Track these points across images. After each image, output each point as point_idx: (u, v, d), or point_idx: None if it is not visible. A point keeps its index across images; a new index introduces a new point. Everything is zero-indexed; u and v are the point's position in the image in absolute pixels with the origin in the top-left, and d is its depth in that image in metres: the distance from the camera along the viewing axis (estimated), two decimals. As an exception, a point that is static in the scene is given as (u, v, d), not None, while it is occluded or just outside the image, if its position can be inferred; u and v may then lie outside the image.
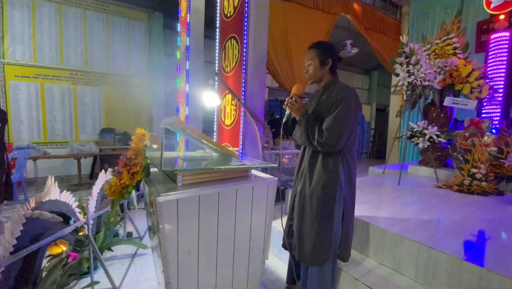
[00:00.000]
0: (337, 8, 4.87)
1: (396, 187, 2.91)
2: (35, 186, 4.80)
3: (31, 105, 5.13)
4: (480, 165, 2.75)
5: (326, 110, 1.36)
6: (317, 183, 1.36)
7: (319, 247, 1.36)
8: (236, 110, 2.31)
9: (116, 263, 2.27)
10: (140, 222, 2.96)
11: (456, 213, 2.11)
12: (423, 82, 3.00)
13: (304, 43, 4.15)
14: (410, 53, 3.07)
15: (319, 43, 1.46)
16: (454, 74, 3.30)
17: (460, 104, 3.12)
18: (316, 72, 1.44)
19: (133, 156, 1.30)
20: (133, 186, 1.30)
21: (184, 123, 1.27)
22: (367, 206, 2.19)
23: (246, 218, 1.41)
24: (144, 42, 6.16)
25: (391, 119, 6.76)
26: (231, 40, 2.41)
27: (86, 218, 1.83)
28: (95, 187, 2.19)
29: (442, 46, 3.46)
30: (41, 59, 5.15)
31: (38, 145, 5.03)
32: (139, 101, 6.14)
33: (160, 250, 1.22)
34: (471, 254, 1.41)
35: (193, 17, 3.15)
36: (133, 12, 5.97)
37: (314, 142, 1.32)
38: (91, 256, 1.85)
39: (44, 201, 1.47)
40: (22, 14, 4.94)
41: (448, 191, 2.79)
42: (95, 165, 5.60)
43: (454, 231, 1.73)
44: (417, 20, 5.81)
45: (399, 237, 1.65)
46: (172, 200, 1.12)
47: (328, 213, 1.35)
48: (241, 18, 2.21)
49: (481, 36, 4.46)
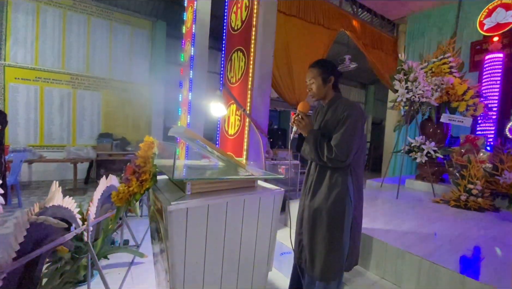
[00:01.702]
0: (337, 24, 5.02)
1: (394, 201, 2.94)
2: (28, 190, 4.71)
3: (30, 108, 5.10)
4: (476, 181, 2.81)
5: (333, 126, 1.40)
6: (326, 197, 1.38)
7: (332, 263, 1.36)
8: (240, 120, 2.34)
9: (112, 272, 2.23)
10: (136, 229, 2.92)
11: (455, 228, 2.14)
12: (421, 98, 3.09)
13: (304, 57, 4.25)
14: (408, 71, 3.17)
15: (320, 62, 1.49)
16: (450, 92, 3.40)
17: (456, 122, 3.21)
18: (319, 90, 1.48)
19: (142, 164, 1.31)
20: (141, 193, 1.30)
21: (193, 132, 1.29)
22: (367, 219, 2.20)
23: (252, 228, 1.42)
24: (147, 50, 6.23)
25: (387, 133, 6.87)
26: (237, 52, 2.47)
27: (86, 224, 1.81)
28: (96, 192, 2.17)
29: (439, 64, 3.58)
30: (42, 62, 5.16)
31: (34, 148, 4.97)
32: (138, 107, 6.16)
33: (167, 259, 1.22)
34: (472, 270, 1.43)
35: (198, 28, 3.22)
36: (137, 20, 6.06)
37: (324, 159, 1.35)
38: (89, 263, 1.82)
39: (48, 206, 1.46)
40: (26, 18, 4.97)
41: (446, 206, 2.83)
42: (91, 170, 5.54)
43: (455, 246, 1.76)
44: (413, 39, 6.01)
45: (400, 251, 1.67)
46: (182, 208, 1.13)
47: (338, 227, 1.36)
48: (248, 32, 2.27)
49: (475, 56, 4.63)
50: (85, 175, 5.48)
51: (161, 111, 6.35)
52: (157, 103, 6.30)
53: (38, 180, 5.20)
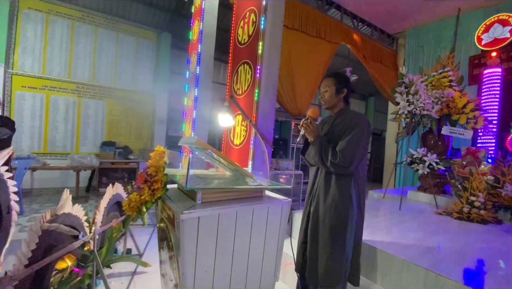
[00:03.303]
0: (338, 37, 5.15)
1: (397, 212, 2.96)
2: (30, 197, 4.70)
3: (35, 116, 5.15)
4: (478, 193, 2.83)
5: (339, 134, 1.44)
6: (330, 204, 1.41)
7: (332, 268, 1.37)
8: (246, 130, 2.39)
9: (115, 281, 2.22)
10: (138, 238, 2.91)
11: (459, 240, 2.15)
12: (422, 111, 3.15)
13: (306, 69, 4.34)
14: (409, 84, 3.24)
15: (336, 73, 1.58)
16: (450, 105, 3.47)
17: (457, 134, 3.25)
18: (331, 99, 1.54)
19: (153, 173, 1.34)
20: (153, 202, 1.32)
21: (205, 143, 1.33)
22: (370, 230, 2.22)
23: (260, 238, 1.44)
24: (152, 60, 6.35)
25: (388, 144, 6.91)
26: (244, 65, 2.54)
27: (93, 232, 1.82)
28: (103, 201, 2.19)
29: (439, 78, 3.66)
30: (49, 71, 5.25)
31: (38, 155, 4.99)
32: (141, 116, 6.23)
33: (176, 268, 1.24)
34: (476, 282, 1.45)
35: (204, 41, 3.32)
36: (143, 32, 6.21)
37: (327, 163, 1.39)
38: (94, 272, 1.82)
39: (59, 214, 1.48)
40: (35, 28, 5.09)
41: (448, 218, 2.85)
42: (92, 178, 5.54)
43: (460, 258, 1.77)
44: (412, 52, 6.15)
45: (406, 263, 1.68)
46: (194, 217, 1.16)
47: (341, 235, 1.38)
48: (255, 46, 2.35)
49: (474, 70, 4.73)
50: (87, 183, 5.48)
51: (164, 120, 6.42)
52: (160, 112, 6.38)
53: (40, 187, 5.20)
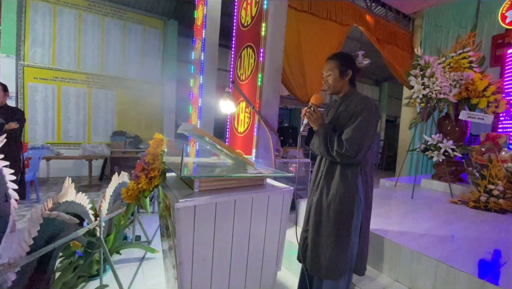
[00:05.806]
0: (350, 19, 4.90)
1: (409, 201, 2.85)
2: (46, 186, 4.88)
3: (47, 107, 5.27)
4: (497, 181, 2.67)
5: (345, 120, 1.34)
6: (334, 194, 1.34)
7: (337, 259, 1.32)
8: (250, 118, 2.32)
9: (124, 267, 2.27)
10: (148, 225, 2.97)
11: (474, 230, 2.04)
12: (438, 95, 2.96)
13: (316, 53, 4.17)
14: (425, 66, 3.05)
15: (339, 54, 1.45)
16: (470, 88, 3.25)
17: (477, 119, 3.06)
18: (335, 83, 1.42)
19: (151, 161, 1.31)
20: (150, 190, 1.30)
21: (202, 130, 1.28)
22: (381, 220, 2.14)
23: (261, 227, 1.40)
24: (159, 49, 6.31)
25: (402, 131, 6.67)
26: (247, 49, 2.44)
27: (98, 220, 1.84)
28: (108, 189, 2.21)
29: (458, 59, 3.42)
30: (59, 62, 5.32)
31: (52, 145, 5.14)
32: (151, 105, 6.26)
33: (174, 257, 1.22)
34: (491, 274, 1.36)
35: (208, 26, 3.22)
36: (149, 20, 6.14)
37: (333, 153, 1.30)
38: (101, 258, 1.85)
39: (61, 202, 1.49)
40: (43, 19, 5.13)
41: (464, 207, 2.72)
42: (105, 167, 5.68)
43: (474, 249, 1.67)
44: (430, 33, 5.79)
45: (416, 254, 1.60)
46: (189, 206, 1.12)
47: (346, 225, 1.32)
48: (258, 28, 2.24)
49: (496, 50, 4.41)
50: (100, 171, 5.63)
51: (172, 109, 6.43)
52: (169, 101, 6.39)
53: (55, 176, 5.39)
